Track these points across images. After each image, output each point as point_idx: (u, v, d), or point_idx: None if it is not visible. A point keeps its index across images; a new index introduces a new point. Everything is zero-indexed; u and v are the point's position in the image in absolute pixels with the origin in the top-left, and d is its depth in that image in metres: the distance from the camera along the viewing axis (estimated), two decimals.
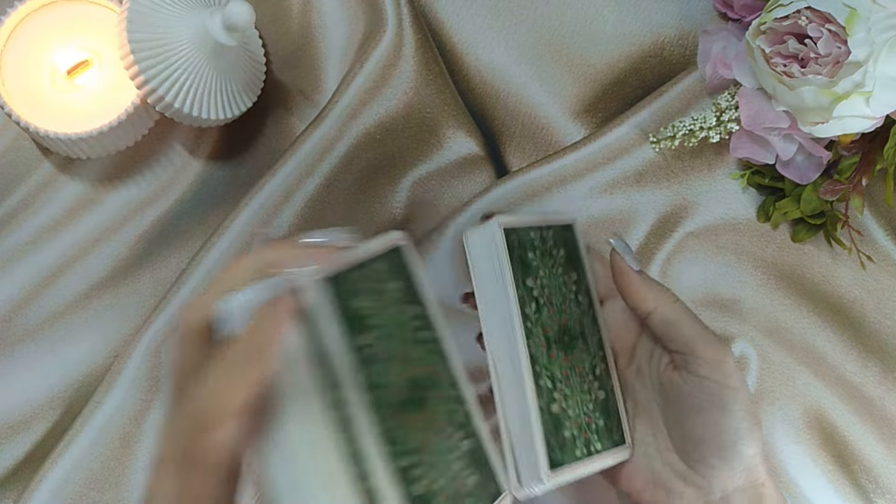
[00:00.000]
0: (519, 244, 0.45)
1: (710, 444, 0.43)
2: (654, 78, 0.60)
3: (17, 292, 0.56)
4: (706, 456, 0.44)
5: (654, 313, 0.45)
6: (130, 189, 0.57)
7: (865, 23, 0.48)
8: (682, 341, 0.44)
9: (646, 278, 0.46)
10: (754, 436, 0.43)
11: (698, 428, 0.44)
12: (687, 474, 0.44)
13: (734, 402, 0.43)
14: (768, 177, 0.58)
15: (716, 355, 0.43)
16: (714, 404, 0.43)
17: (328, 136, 0.58)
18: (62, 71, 0.54)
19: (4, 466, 0.55)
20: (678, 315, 0.45)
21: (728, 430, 0.43)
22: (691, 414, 0.44)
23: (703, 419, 0.43)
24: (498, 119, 0.60)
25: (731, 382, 0.43)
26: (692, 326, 0.44)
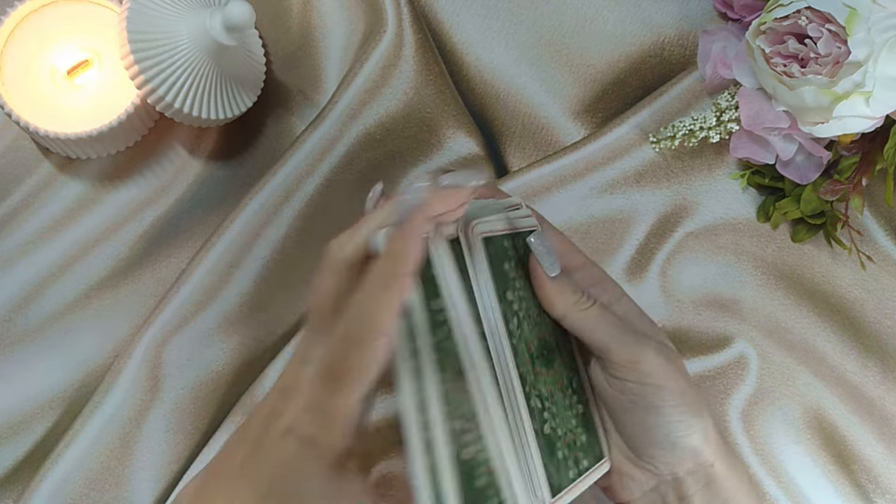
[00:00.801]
0: (496, 255, 0.43)
1: (643, 440, 0.44)
2: (654, 78, 0.60)
3: (17, 292, 0.56)
4: (644, 448, 0.44)
5: (565, 320, 0.44)
6: (130, 189, 0.57)
7: (865, 23, 0.48)
8: (596, 347, 0.44)
9: (559, 283, 0.44)
10: (692, 425, 0.43)
11: (629, 426, 0.44)
12: (636, 461, 0.45)
13: (659, 400, 0.42)
14: (768, 177, 0.58)
15: (630, 356, 0.43)
16: (638, 405, 0.43)
17: (328, 136, 0.58)
18: (62, 71, 0.54)
19: (4, 466, 0.55)
20: (587, 322, 0.44)
21: (658, 427, 0.43)
22: (620, 414, 0.44)
23: (631, 419, 0.44)
24: (498, 119, 0.60)
25: (651, 380, 0.43)
26: (603, 331, 0.43)
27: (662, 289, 0.59)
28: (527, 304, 0.44)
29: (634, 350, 0.43)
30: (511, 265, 0.44)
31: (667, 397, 0.43)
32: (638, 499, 0.45)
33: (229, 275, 0.57)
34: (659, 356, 0.43)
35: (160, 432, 0.55)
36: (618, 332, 0.44)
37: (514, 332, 0.42)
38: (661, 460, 0.44)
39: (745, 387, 0.58)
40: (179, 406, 0.56)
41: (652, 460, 0.44)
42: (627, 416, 0.44)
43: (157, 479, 0.55)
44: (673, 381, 0.43)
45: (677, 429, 0.43)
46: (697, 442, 0.43)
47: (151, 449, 0.55)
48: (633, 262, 0.59)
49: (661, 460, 0.44)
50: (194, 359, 0.56)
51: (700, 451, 0.43)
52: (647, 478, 0.44)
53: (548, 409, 0.43)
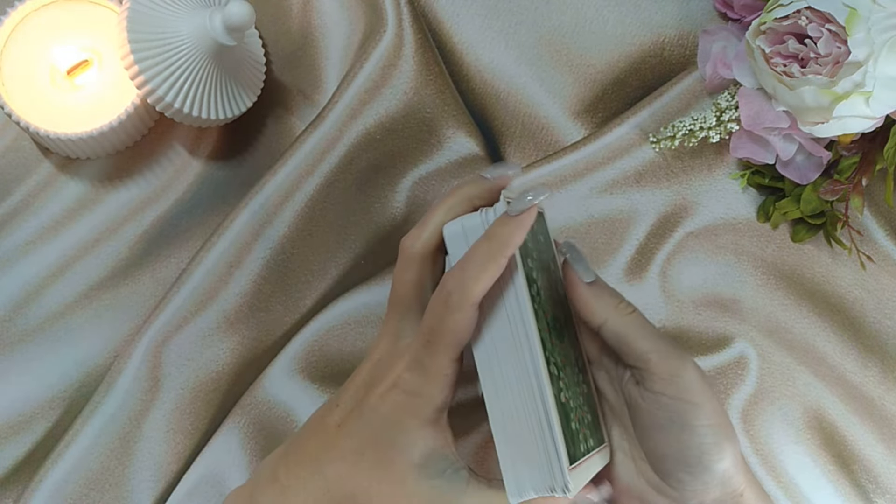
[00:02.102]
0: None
1: (675, 461, 0.42)
2: (654, 78, 0.60)
3: (17, 292, 0.56)
4: (673, 471, 0.42)
5: (604, 327, 0.43)
6: (130, 189, 0.57)
7: (865, 23, 0.48)
8: (635, 356, 0.43)
9: (597, 289, 0.44)
10: (724, 449, 0.42)
11: (661, 445, 0.42)
12: (660, 486, 0.43)
13: (695, 418, 0.41)
14: (768, 177, 0.58)
15: (670, 370, 0.42)
16: (673, 422, 0.42)
17: (328, 136, 0.58)
18: (62, 71, 0.54)
19: (4, 466, 0.55)
20: (629, 328, 0.43)
21: (691, 448, 0.41)
22: (653, 431, 0.43)
23: (664, 437, 0.42)
24: (498, 119, 0.60)
25: (689, 397, 0.41)
26: (646, 340, 0.42)
27: (662, 289, 0.59)
28: (540, 276, 0.44)
29: (675, 363, 0.42)
30: (528, 236, 0.43)
31: (703, 416, 0.41)
32: None
33: (229, 275, 0.57)
34: (697, 372, 0.42)
35: (160, 432, 0.55)
36: (659, 342, 0.42)
37: (535, 297, 0.42)
38: (689, 486, 0.42)
39: (745, 387, 0.58)
40: (179, 406, 0.56)
41: (680, 485, 0.42)
42: (660, 434, 0.42)
43: (157, 479, 0.55)
44: (709, 400, 0.42)
45: (710, 451, 0.41)
46: (729, 466, 0.42)
47: (151, 449, 0.55)
48: (633, 262, 0.59)
49: (689, 486, 0.42)
50: (194, 359, 0.56)
51: (730, 477, 0.42)
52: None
53: (562, 378, 0.42)
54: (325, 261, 0.58)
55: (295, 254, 0.57)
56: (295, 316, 0.57)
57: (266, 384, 0.56)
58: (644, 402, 0.43)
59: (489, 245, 0.40)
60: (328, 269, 0.58)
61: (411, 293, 0.44)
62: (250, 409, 0.56)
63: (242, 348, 0.57)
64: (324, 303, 0.57)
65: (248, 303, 0.57)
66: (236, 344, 0.56)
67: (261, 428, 0.56)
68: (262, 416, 0.56)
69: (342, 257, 0.58)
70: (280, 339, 0.57)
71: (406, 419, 0.41)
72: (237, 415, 0.56)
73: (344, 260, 0.58)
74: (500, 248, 0.40)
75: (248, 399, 0.56)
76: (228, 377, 0.56)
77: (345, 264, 0.58)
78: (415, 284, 0.44)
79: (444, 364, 0.41)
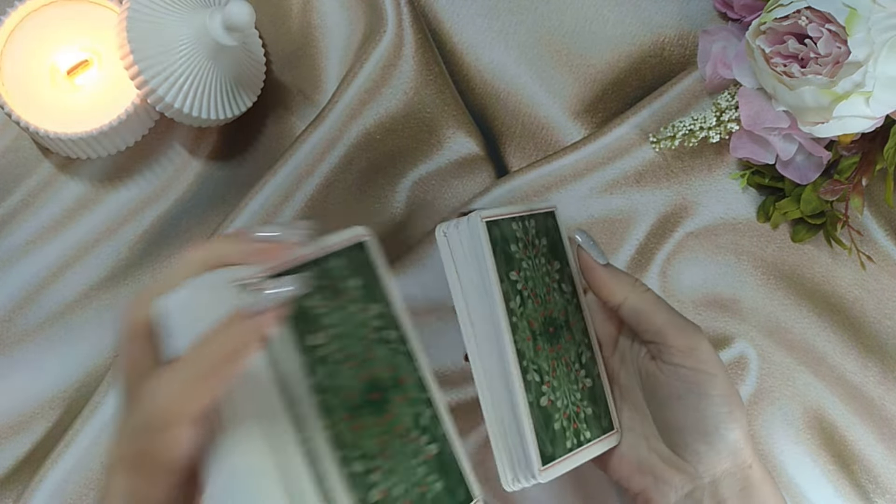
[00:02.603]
0: (501, 237, 0.45)
1: (692, 431, 0.44)
2: (654, 78, 0.60)
3: (17, 292, 0.56)
4: (690, 442, 0.44)
5: (624, 304, 0.46)
6: (130, 189, 0.57)
7: (865, 23, 0.48)
8: (653, 331, 0.45)
9: (613, 270, 0.46)
10: (737, 419, 0.43)
11: (679, 415, 0.44)
12: (673, 460, 0.45)
13: (712, 388, 0.43)
14: (768, 177, 0.58)
15: (688, 342, 0.44)
16: (691, 391, 0.44)
17: (328, 136, 0.58)
18: (62, 71, 0.54)
19: (4, 466, 0.55)
20: (647, 304, 0.45)
21: (708, 416, 0.43)
22: (671, 402, 0.44)
23: (682, 406, 0.44)
24: (498, 119, 0.60)
25: (706, 368, 0.43)
26: (662, 315, 0.45)
27: (662, 289, 0.59)
28: (533, 284, 0.45)
29: (692, 336, 0.44)
30: (519, 246, 0.45)
31: (719, 386, 0.43)
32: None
33: None
34: (710, 345, 0.44)
35: None
36: (676, 317, 0.45)
37: (514, 310, 0.44)
38: (702, 456, 0.44)
39: (745, 387, 0.58)
40: None
41: (694, 456, 0.44)
42: (678, 405, 0.44)
43: None
44: (722, 371, 0.44)
45: (725, 420, 0.43)
46: (739, 437, 0.43)
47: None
48: (633, 262, 0.59)
49: (703, 456, 0.44)
50: None
51: (741, 448, 0.44)
52: (684, 482, 0.44)
53: (547, 382, 0.44)
54: None
55: None
56: None
57: None
58: (662, 375, 0.45)
59: (211, 352, 0.32)
60: None
61: (132, 376, 0.35)
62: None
63: None
64: None
65: None
66: None
67: None
68: None
69: None
70: None
71: None
72: None
73: None
74: (227, 358, 0.31)
75: None
76: None
77: None
78: (136, 365, 0.35)
79: (159, 492, 0.33)
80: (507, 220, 0.45)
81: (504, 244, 0.45)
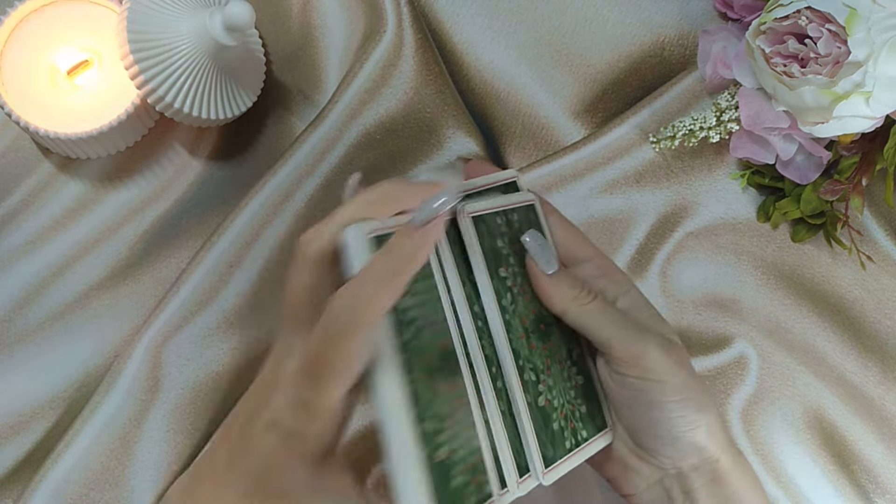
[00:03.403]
0: (488, 232, 0.43)
1: (646, 435, 0.44)
2: (654, 78, 0.60)
3: (17, 292, 0.56)
4: (647, 443, 0.44)
5: (566, 316, 0.44)
6: (130, 189, 0.57)
7: (865, 23, 0.48)
8: (598, 342, 0.44)
9: (556, 280, 0.44)
10: (695, 420, 0.43)
11: (633, 420, 0.44)
12: (640, 453, 0.45)
13: (661, 395, 0.42)
14: (768, 177, 0.58)
15: (631, 352, 0.43)
16: (639, 400, 0.43)
17: (328, 136, 0.58)
18: (62, 71, 0.54)
19: (4, 466, 0.55)
20: (590, 318, 0.43)
21: (661, 423, 0.43)
22: (624, 407, 0.44)
23: (634, 414, 0.44)
24: (498, 119, 0.60)
25: (652, 376, 0.42)
26: (605, 328, 0.43)
27: (662, 289, 0.59)
28: (521, 280, 0.44)
29: (635, 346, 0.43)
30: (505, 241, 0.44)
31: (669, 392, 0.42)
32: (643, 492, 0.45)
33: (229, 275, 0.57)
34: (661, 351, 0.43)
35: (160, 432, 0.55)
36: (619, 328, 0.43)
37: (507, 307, 0.43)
38: (664, 455, 0.44)
39: (745, 387, 0.58)
40: (179, 406, 0.56)
41: (656, 454, 0.44)
42: (630, 411, 0.44)
43: (157, 479, 0.55)
44: (675, 376, 0.43)
45: (680, 424, 0.43)
46: (701, 437, 0.43)
47: (151, 449, 0.55)
48: (633, 262, 0.59)
49: (665, 455, 0.44)
50: (194, 359, 0.56)
51: (704, 446, 0.43)
52: (652, 471, 0.45)
53: (543, 381, 0.43)
54: None
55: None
56: None
57: None
58: (613, 384, 0.44)
59: (387, 262, 0.35)
60: None
61: (303, 301, 0.38)
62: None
63: (242, 348, 0.56)
64: None
65: (248, 303, 0.57)
66: (236, 344, 0.56)
67: None
68: None
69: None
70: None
71: (290, 461, 0.36)
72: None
73: None
74: (401, 267, 0.35)
75: None
76: (228, 377, 0.56)
77: None
78: (308, 292, 0.38)
79: (329, 401, 0.36)
80: (492, 214, 0.44)
81: (491, 239, 0.43)
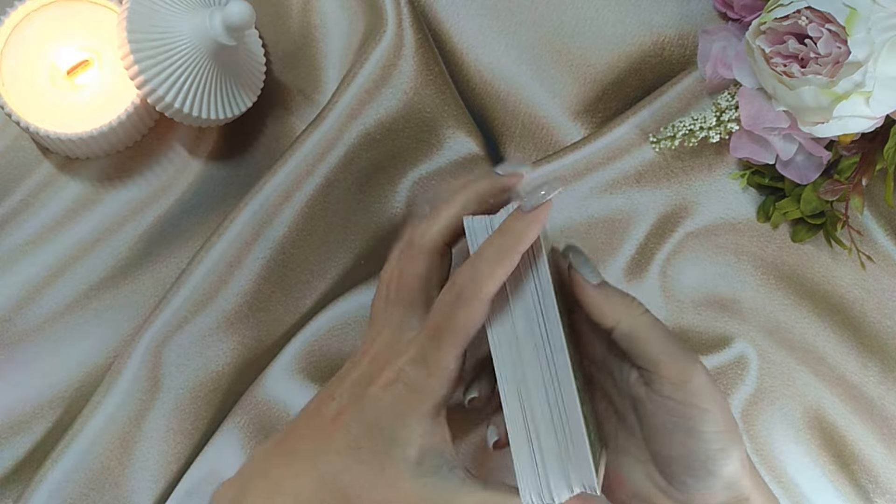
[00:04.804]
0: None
1: (681, 465, 0.42)
2: (654, 78, 0.60)
3: (17, 292, 0.56)
4: (678, 475, 0.42)
5: (616, 329, 0.43)
6: (130, 189, 0.57)
7: (865, 23, 0.48)
8: (646, 358, 0.42)
9: (606, 291, 0.44)
10: (731, 454, 0.41)
11: (668, 448, 0.42)
12: (667, 489, 0.43)
13: (703, 424, 0.41)
14: (768, 177, 0.58)
15: (680, 375, 0.41)
16: (679, 426, 0.41)
17: (328, 136, 0.58)
18: (62, 71, 0.54)
19: (4, 466, 0.55)
20: (641, 331, 0.42)
21: (697, 453, 0.41)
22: (659, 433, 0.43)
23: (671, 441, 0.42)
24: (498, 119, 0.60)
25: (697, 402, 0.41)
26: (657, 343, 0.42)
27: (662, 289, 0.59)
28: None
29: (685, 367, 0.41)
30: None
31: (710, 422, 0.41)
32: None
33: (229, 275, 0.57)
34: (707, 378, 0.42)
35: (160, 432, 0.55)
36: (669, 345, 0.42)
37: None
38: (693, 489, 0.42)
39: (745, 387, 0.58)
40: (179, 406, 0.56)
41: (685, 488, 0.42)
42: (666, 438, 0.42)
43: (157, 479, 0.55)
44: (717, 405, 0.42)
45: (716, 456, 0.41)
46: (734, 471, 0.42)
47: (151, 449, 0.55)
48: (633, 262, 0.59)
49: (694, 489, 0.42)
50: (194, 359, 0.56)
51: (735, 481, 0.42)
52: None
53: (580, 391, 0.42)
54: (325, 261, 0.58)
55: (295, 254, 0.57)
56: (295, 316, 0.57)
57: (266, 384, 0.56)
58: (651, 405, 0.43)
59: (502, 240, 0.40)
60: (328, 269, 0.58)
61: (418, 286, 0.44)
62: (250, 409, 0.56)
63: (242, 348, 0.57)
64: (324, 303, 0.57)
65: (248, 303, 0.57)
66: (236, 344, 0.56)
67: (261, 428, 0.56)
68: (262, 416, 0.56)
69: (342, 257, 0.58)
70: (280, 339, 0.57)
71: (406, 413, 0.41)
72: (237, 415, 0.56)
73: (344, 260, 0.58)
74: (514, 244, 0.40)
75: (248, 399, 0.56)
76: (228, 377, 0.56)
77: (345, 264, 0.58)
78: (422, 278, 0.44)
79: (448, 359, 0.41)
80: None
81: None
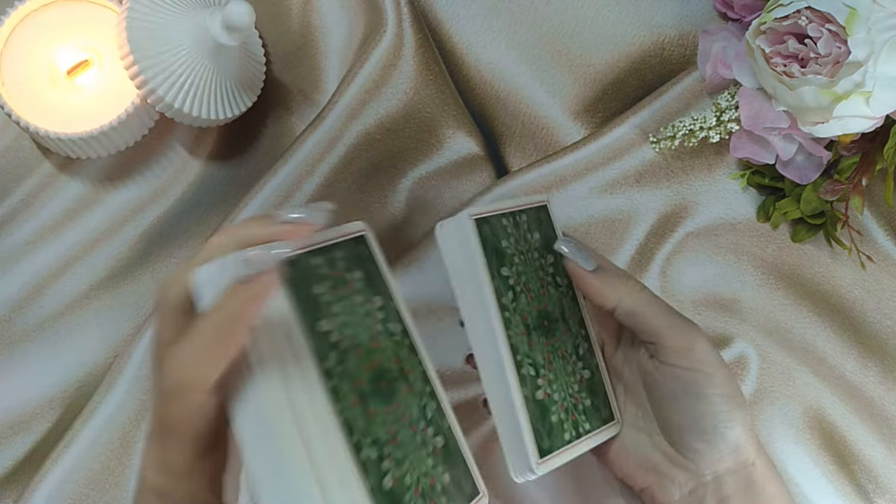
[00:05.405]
0: (492, 233, 0.45)
1: (691, 430, 0.44)
2: (654, 78, 0.60)
3: (17, 292, 0.56)
4: (689, 441, 0.44)
5: (617, 308, 0.45)
6: (130, 189, 0.57)
7: (865, 23, 0.48)
8: (649, 332, 0.44)
9: (603, 274, 0.45)
10: (736, 417, 0.43)
11: (676, 414, 0.44)
12: (676, 458, 0.45)
13: (709, 387, 0.43)
14: (768, 177, 0.58)
15: (683, 343, 0.43)
16: (687, 392, 0.43)
17: (328, 136, 0.58)
18: (62, 71, 0.54)
19: (4, 466, 0.55)
20: (641, 306, 0.44)
21: (706, 415, 0.43)
22: (668, 401, 0.44)
23: (679, 406, 0.44)
24: (498, 119, 0.60)
25: (702, 367, 0.43)
26: (658, 316, 0.44)
27: (662, 289, 0.59)
28: (526, 278, 0.46)
29: (687, 336, 0.43)
30: (510, 242, 0.45)
31: (716, 385, 0.43)
32: (677, 501, 0.45)
33: None
34: (709, 344, 0.44)
35: None
36: (671, 318, 0.44)
37: (507, 305, 0.44)
38: (703, 455, 0.44)
39: (745, 387, 0.58)
40: None
41: (695, 455, 0.44)
42: (675, 405, 0.44)
43: None
44: (721, 369, 0.43)
45: (723, 419, 0.43)
46: (740, 434, 0.43)
47: None
48: (633, 262, 0.59)
49: (704, 455, 0.44)
50: None
51: (742, 445, 0.43)
52: (687, 479, 0.44)
53: (543, 376, 0.44)
54: None
55: None
56: None
57: None
58: (659, 375, 0.44)
59: (214, 322, 0.33)
60: None
61: (159, 350, 0.37)
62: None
63: None
64: None
65: None
66: None
67: None
68: None
69: None
70: None
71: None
72: None
73: None
74: (227, 327, 0.33)
75: None
76: None
77: None
78: (164, 340, 0.37)
79: (184, 460, 0.35)
80: (497, 216, 0.45)
81: (495, 240, 0.45)
